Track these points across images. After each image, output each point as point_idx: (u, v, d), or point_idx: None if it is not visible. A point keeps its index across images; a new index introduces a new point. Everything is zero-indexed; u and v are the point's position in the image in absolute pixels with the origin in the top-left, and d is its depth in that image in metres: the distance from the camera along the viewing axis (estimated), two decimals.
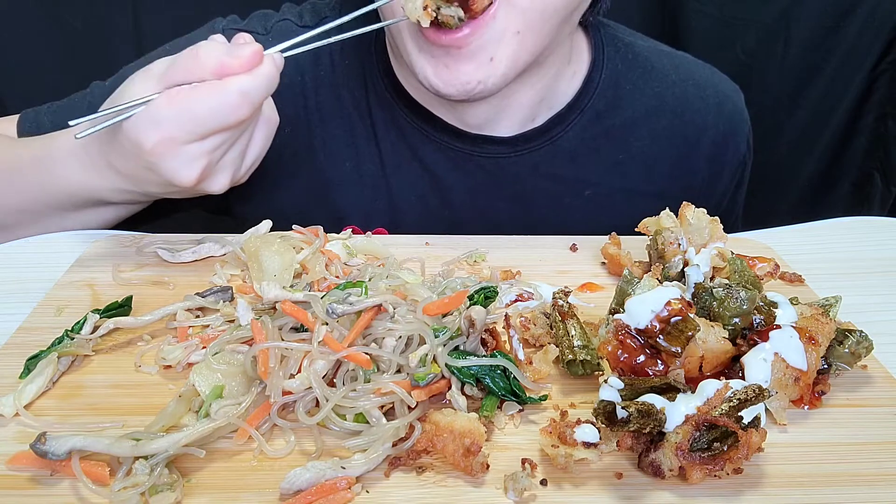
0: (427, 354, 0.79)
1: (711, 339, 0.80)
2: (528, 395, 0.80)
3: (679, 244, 1.00)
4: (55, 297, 0.99)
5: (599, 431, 0.72)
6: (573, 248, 1.17)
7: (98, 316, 0.91)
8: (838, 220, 1.28)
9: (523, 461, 0.72)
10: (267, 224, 1.12)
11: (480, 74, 1.10)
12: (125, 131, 0.95)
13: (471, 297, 0.85)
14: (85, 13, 1.92)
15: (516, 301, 0.99)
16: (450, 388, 0.79)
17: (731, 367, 0.83)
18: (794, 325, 0.83)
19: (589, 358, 0.84)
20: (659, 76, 1.38)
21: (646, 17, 2.02)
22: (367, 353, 0.79)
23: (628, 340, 0.79)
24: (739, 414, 0.72)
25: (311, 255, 1.04)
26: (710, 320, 0.83)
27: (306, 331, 0.81)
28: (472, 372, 0.79)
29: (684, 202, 1.05)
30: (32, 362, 0.82)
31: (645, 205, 1.14)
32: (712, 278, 0.95)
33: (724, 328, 0.82)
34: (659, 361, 0.79)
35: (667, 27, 2.03)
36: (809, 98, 2.06)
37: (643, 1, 2.02)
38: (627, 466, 0.74)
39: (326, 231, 1.12)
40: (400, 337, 0.81)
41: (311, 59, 1.30)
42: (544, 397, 0.81)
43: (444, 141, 1.32)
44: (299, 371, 0.78)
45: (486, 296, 0.86)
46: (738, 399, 0.72)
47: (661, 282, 0.86)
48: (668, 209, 1.05)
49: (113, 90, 1.02)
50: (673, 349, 0.78)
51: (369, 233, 1.19)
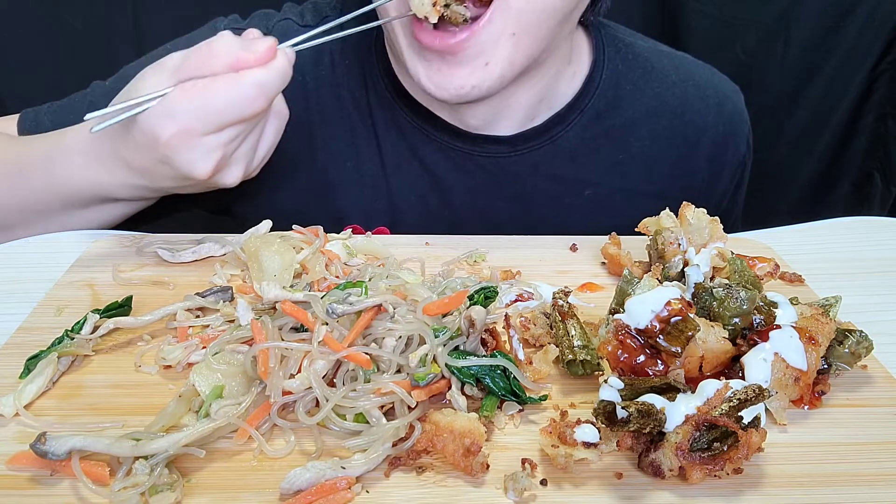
0: (427, 354, 0.79)
1: (711, 339, 0.80)
2: (528, 395, 0.80)
3: (679, 244, 1.00)
4: (55, 297, 0.99)
5: (599, 431, 0.72)
6: (573, 248, 1.17)
7: (98, 316, 0.91)
8: (838, 220, 1.28)
9: (523, 461, 0.72)
10: (267, 224, 1.12)
11: (475, 79, 1.10)
12: (140, 124, 0.96)
13: (471, 297, 0.85)
14: (85, 13, 1.92)
15: (516, 301, 0.99)
16: (450, 388, 0.79)
17: (731, 367, 0.83)
18: (794, 325, 0.83)
19: (589, 358, 0.84)
20: (659, 76, 1.38)
21: (646, 17, 2.02)
22: (367, 353, 0.79)
23: (628, 340, 0.79)
24: (739, 414, 0.72)
25: (311, 255, 1.04)
26: (710, 320, 0.83)
27: (306, 331, 0.81)
28: (472, 372, 0.79)
29: (684, 202, 1.05)
30: (32, 362, 0.82)
31: (645, 205, 1.14)
32: (712, 278, 0.95)
33: (724, 328, 0.82)
34: (659, 361, 0.79)
35: (667, 27, 2.03)
36: (809, 98, 2.06)
37: (643, 1, 2.02)
38: (627, 466, 0.74)
39: (326, 231, 1.12)
40: (400, 337, 0.81)
41: (311, 60, 1.30)
42: (544, 397, 0.81)
43: (444, 141, 1.31)
44: (299, 371, 0.78)
45: (486, 296, 0.86)
46: (738, 399, 0.72)
47: (661, 282, 0.86)
48: (668, 209, 1.05)
49: (114, 89, 1.02)
50: (673, 349, 0.78)
51: (369, 233, 1.19)
